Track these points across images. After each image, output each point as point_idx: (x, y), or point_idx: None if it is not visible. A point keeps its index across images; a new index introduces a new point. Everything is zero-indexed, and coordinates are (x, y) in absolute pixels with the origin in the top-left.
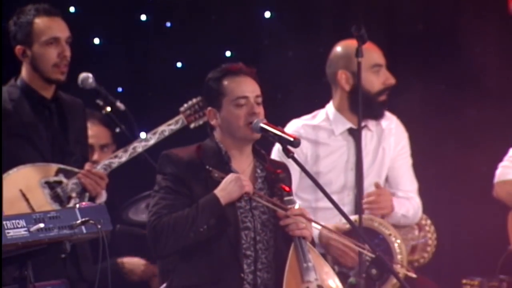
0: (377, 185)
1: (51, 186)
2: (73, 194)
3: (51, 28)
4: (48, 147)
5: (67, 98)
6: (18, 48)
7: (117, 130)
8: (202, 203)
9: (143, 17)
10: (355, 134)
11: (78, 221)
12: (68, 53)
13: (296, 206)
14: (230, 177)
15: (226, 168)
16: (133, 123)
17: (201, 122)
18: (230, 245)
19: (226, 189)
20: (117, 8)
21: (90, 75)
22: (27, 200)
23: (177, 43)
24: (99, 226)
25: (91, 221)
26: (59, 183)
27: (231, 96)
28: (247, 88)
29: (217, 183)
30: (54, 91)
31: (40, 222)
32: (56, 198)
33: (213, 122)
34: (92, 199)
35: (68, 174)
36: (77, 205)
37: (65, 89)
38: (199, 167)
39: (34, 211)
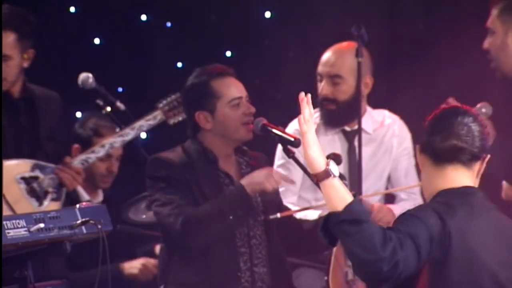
0: (372, 206)
1: (27, 181)
2: (50, 189)
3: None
4: (13, 145)
5: (41, 93)
6: None
7: (117, 130)
8: (228, 193)
9: (143, 17)
10: (348, 136)
11: (78, 221)
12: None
13: None
14: (260, 169)
15: (213, 167)
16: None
17: (180, 118)
18: (226, 245)
19: (252, 178)
20: (117, 8)
21: (90, 75)
22: (2, 195)
23: (177, 43)
24: (99, 226)
25: (91, 221)
26: (35, 178)
27: (225, 98)
28: (238, 88)
29: (210, 184)
30: (22, 89)
31: (40, 222)
32: (32, 193)
33: (206, 126)
34: (68, 193)
35: (44, 169)
36: (78, 205)
37: (65, 89)
38: (190, 168)
39: (11, 206)
